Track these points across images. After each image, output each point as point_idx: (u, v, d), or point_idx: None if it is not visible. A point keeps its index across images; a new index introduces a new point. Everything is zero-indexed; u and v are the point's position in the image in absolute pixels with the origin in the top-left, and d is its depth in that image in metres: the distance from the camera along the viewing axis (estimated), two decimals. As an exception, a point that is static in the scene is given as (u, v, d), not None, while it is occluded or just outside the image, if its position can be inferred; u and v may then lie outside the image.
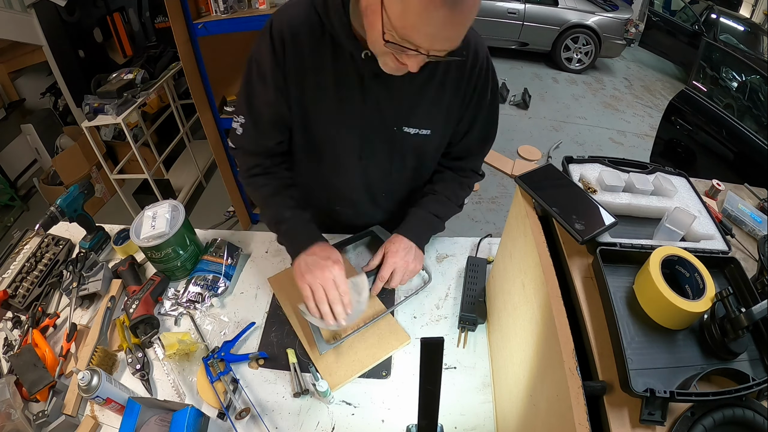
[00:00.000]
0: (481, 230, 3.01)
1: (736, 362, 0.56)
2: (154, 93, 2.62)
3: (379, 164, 1.00)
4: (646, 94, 5.49)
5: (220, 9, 1.95)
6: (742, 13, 7.37)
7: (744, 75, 2.93)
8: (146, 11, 3.78)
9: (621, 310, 0.60)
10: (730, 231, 0.94)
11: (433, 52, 0.67)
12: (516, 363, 0.73)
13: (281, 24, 0.82)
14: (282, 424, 0.83)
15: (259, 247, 1.19)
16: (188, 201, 3.13)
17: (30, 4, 2.72)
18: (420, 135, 0.93)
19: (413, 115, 0.90)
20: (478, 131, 1.00)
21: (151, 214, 1.06)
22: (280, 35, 0.82)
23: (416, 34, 0.63)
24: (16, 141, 3.21)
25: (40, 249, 1.17)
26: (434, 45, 0.66)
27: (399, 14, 0.62)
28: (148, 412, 0.80)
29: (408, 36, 0.64)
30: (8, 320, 1.02)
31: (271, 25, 0.83)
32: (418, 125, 0.92)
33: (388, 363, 0.92)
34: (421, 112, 0.90)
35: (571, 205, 0.71)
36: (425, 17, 0.60)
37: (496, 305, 0.92)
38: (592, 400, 0.51)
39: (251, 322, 0.99)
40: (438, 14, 0.60)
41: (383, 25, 0.65)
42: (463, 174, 1.08)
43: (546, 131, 4.41)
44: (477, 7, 0.63)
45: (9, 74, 3.15)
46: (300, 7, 0.82)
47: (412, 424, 0.65)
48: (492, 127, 1.02)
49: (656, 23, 6.12)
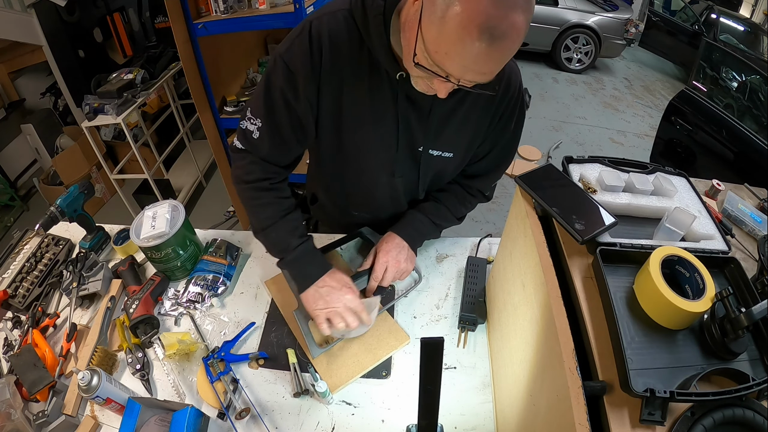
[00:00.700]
0: (481, 230, 3.00)
1: (736, 362, 0.56)
2: (154, 93, 2.62)
3: (408, 181, 1.00)
4: (646, 94, 5.49)
5: (220, 9, 1.95)
6: (742, 13, 7.37)
7: (744, 75, 2.93)
8: (146, 11, 3.78)
9: (621, 310, 0.60)
10: (730, 231, 0.94)
11: (464, 82, 0.66)
12: (516, 363, 0.73)
13: (321, 29, 0.77)
14: (282, 424, 0.83)
15: (259, 247, 1.18)
16: (188, 201, 3.12)
17: (30, 4, 2.72)
18: (442, 157, 0.93)
19: (439, 139, 0.90)
20: (495, 157, 0.99)
21: (151, 214, 1.06)
22: (319, 40, 0.77)
23: (449, 62, 0.61)
24: (16, 141, 3.21)
25: (40, 249, 1.17)
26: (465, 75, 0.64)
27: (434, 38, 0.60)
28: (148, 412, 0.80)
29: (440, 62, 0.62)
30: (8, 320, 1.02)
31: (311, 27, 0.78)
32: (442, 148, 0.92)
33: (388, 363, 0.92)
34: (447, 136, 0.90)
35: (571, 205, 0.71)
36: (460, 48, 0.58)
37: (496, 305, 0.92)
38: (592, 400, 0.51)
39: (251, 322, 0.99)
40: (474, 47, 0.57)
41: (416, 47, 0.64)
42: (469, 191, 1.07)
43: (546, 131, 4.41)
44: (517, 45, 0.60)
45: (9, 74, 3.16)
46: (338, 15, 0.78)
47: (412, 424, 0.65)
48: (509, 155, 1.01)
49: (656, 23, 6.12)
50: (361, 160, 0.94)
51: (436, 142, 0.91)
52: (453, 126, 0.89)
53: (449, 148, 0.92)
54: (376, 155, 0.93)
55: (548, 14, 5.52)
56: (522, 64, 3.86)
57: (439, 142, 0.91)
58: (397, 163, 0.94)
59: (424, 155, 0.93)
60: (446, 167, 0.99)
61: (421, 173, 0.98)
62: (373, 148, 0.91)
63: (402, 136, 0.88)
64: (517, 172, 0.82)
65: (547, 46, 5.72)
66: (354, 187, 1.03)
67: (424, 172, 0.98)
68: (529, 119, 4.93)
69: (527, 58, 5.96)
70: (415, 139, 0.89)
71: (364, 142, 0.90)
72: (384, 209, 1.09)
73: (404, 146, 0.91)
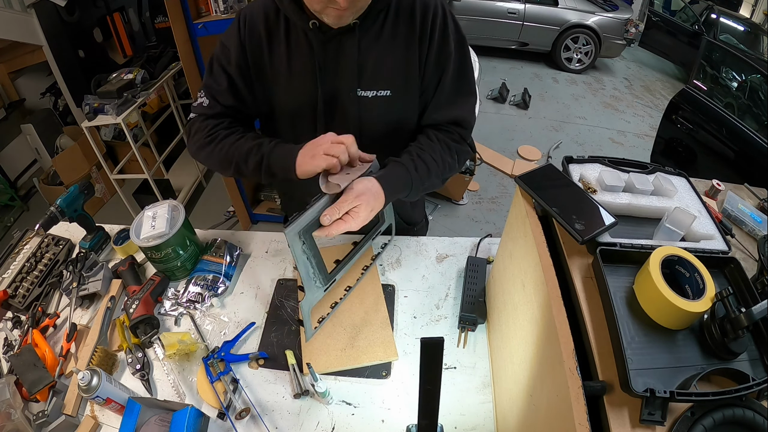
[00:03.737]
0: (481, 230, 3.00)
1: (736, 362, 0.56)
2: (154, 93, 2.62)
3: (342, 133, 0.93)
4: (646, 94, 5.49)
5: (220, 9, 1.96)
6: (742, 13, 7.36)
7: (744, 74, 2.93)
8: (146, 11, 3.78)
9: (621, 310, 0.60)
10: (730, 231, 0.94)
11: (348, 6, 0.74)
12: (516, 363, 0.73)
13: (245, 12, 0.92)
14: (282, 424, 0.83)
15: (259, 247, 1.19)
16: (188, 201, 3.12)
17: (30, 4, 2.72)
18: (379, 97, 0.92)
19: (366, 77, 0.90)
20: (450, 86, 0.94)
21: (151, 214, 1.06)
22: (244, 21, 0.91)
23: None
24: (16, 141, 3.21)
25: (40, 249, 1.17)
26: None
27: None
28: (148, 412, 0.81)
29: None
30: (8, 320, 1.02)
31: (239, 13, 0.93)
32: (374, 86, 0.91)
33: (388, 363, 0.92)
34: (375, 73, 0.90)
35: (571, 205, 0.71)
36: None
37: (496, 305, 0.92)
38: (592, 400, 0.51)
39: (251, 322, 0.99)
40: None
41: None
42: (448, 136, 0.96)
43: (546, 131, 4.41)
44: None
45: (9, 74, 3.15)
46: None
47: (412, 424, 0.65)
48: (465, 81, 0.95)
49: (656, 23, 6.12)
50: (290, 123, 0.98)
51: (363, 80, 0.91)
52: (378, 61, 0.90)
53: (383, 84, 0.91)
54: (299, 112, 0.95)
55: (548, 14, 5.52)
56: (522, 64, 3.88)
57: (368, 81, 0.91)
58: (323, 115, 0.94)
59: (355, 99, 0.92)
60: (389, 110, 0.94)
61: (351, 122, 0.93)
62: (296, 105, 0.94)
63: (324, 85, 0.91)
64: (517, 172, 0.81)
65: (547, 46, 5.72)
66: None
67: (357, 121, 0.93)
68: (529, 119, 4.95)
69: (527, 58, 5.96)
70: (340, 83, 0.91)
71: (288, 102, 0.95)
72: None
73: (329, 95, 0.92)
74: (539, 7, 5.53)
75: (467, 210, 3.28)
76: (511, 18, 5.56)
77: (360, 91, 0.91)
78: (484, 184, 3.52)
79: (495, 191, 3.49)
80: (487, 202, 3.38)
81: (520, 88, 4.96)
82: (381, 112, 0.95)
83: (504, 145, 4.04)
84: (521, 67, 5.81)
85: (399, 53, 0.90)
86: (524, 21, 5.56)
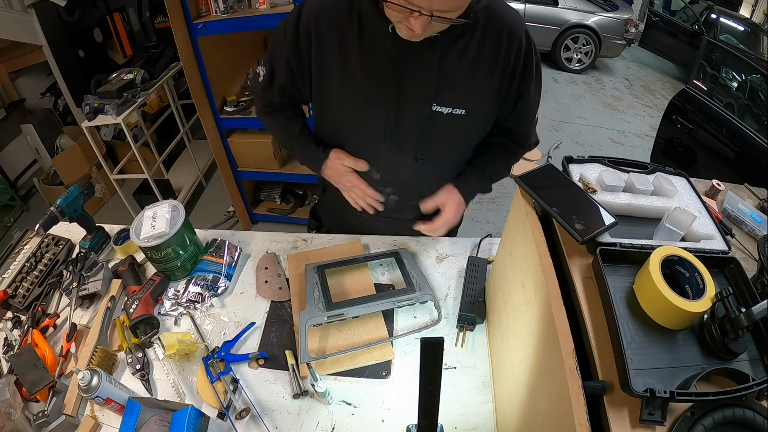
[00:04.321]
0: (481, 230, 2.99)
1: (736, 362, 0.56)
2: (154, 93, 2.62)
3: (407, 148, 0.96)
4: (646, 94, 5.49)
5: (220, 9, 1.95)
6: (742, 13, 7.36)
7: (744, 74, 2.93)
8: (146, 11, 3.77)
9: (621, 310, 0.60)
10: (730, 231, 0.94)
11: (436, 13, 0.69)
12: (516, 363, 0.73)
13: (310, 7, 0.87)
14: (282, 424, 0.83)
15: (259, 247, 1.19)
16: (188, 201, 3.12)
17: (30, 4, 2.72)
18: (454, 115, 0.90)
19: (444, 93, 0.88)
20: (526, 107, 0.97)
21: (151, 214, 1.06)
22: (308, 17, 0.86)
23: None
24: (16, 141, 3.21)
25: (40, 249, 1.17)
26: (432, 5, 0.68)
27: None
28: (148, 412, 0.80)
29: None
30: (8, 320, 1.02)
31: (302, 5, 0.88)
32: (451, 104, 0.89)
33: (388, 363, 0.92)
34: (454, 90, 0.88)
35: (571, 205, 0.71)
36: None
37: (496, 305, 0.92)
38: (592, 400, 0.51)
39: (251, 322, 0.99)
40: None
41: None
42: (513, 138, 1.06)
43: (546, 131, 4.40)
44: None
45: (9, 74, 3.15)
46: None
47: (412, 424, 0.65)
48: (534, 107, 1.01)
49: (656, 23, 6.12)
50: (356, 128, 0.96)
51: (441, 97, 0.88)
52: (459, 79, 0.87)
53: (459, 103, 0.89)
54: (368, 119, 0.93)
55: (548, 14, 5.52)
56: (522, 64, 3.69)
57: (446, 98, 0.89)
58: (393, 125, 0.92)
59: (429, 114, 0.90)
60: (460, 128, 0.94)
61: (423, 139, 0.94)
62: (364, 112, 0.92)
63: (398, 95, 0.88)
64: (517, 172, 0.81)
65: (547, 46, 5.71)
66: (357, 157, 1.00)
67: (428, 136, 0.94)
68: (529, 119, 4.86)
69: (527, 57, 5.96)
70: (415, 96, 0.88)
71: (355, 107, 0.92)
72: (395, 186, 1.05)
73: (402, 106, 0.89)
74: (539, 7, 5.53)
75: (467, 210, 3.26)
76: (511, 18, 5.56)
77: (435, 106, 0.89)
78: (484, 184, 3.52)
79: (495, 191, 3.44)
80: (487, 202, 3.38)
81: (520, 88, 4.96)
82: (451, 129, 0.94)
83: (504, 145, 4.03)
84: (521, 67, 5.80)
85: (482, 75, 0.88)
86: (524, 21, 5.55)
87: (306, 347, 0.88)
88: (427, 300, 1.00)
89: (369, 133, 0.95)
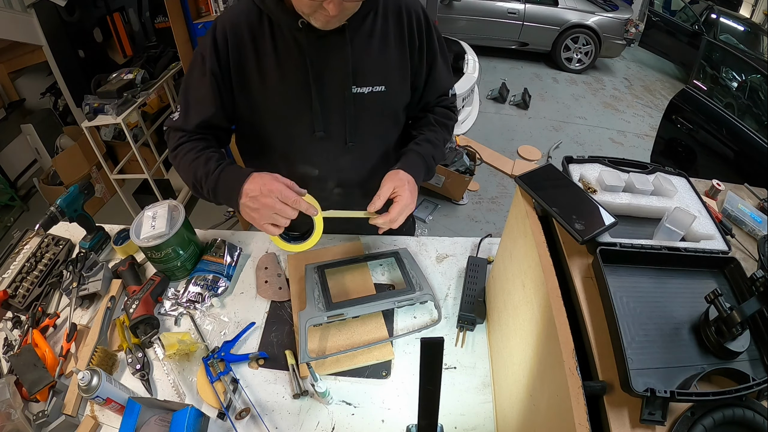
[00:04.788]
0: (481, 230, 3.01)
1: (736, 362, 0.56)
2: (154, 93, 2.62)
3: (337, 135, 0.97)
4: (646, 94, 5.49)
5: (220, 9, 1.96)
6: (742, 13, 7.36)
7: (744, 74, 2.93)
8: (146, 11, 3.77)
9: (621, 310, 0.60)
10: (730, 231, 0.94)
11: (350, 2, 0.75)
12: (516, 363, 0.73)
13: (223, 21, 0.91)
14: (282, 424, 0.83)
15: (259, 247, 1.19)
16: (188, 201, 3.12)
17: (30, 4, 2.72)
18: (375, 92, 0.95)
19: (361, 74, 0.93)
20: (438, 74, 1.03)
21: (151, 214, 1.06)
22: (223, 30, 0.89)
23: None
24: (16, 141, 3.21)
25: (40, 249, 1.17)
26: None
27: None
28: (148, 412, 0.80)
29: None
30: (8, 320, 1.02)
31: (215, 23, 0.92)
32: (369, 83, 0.94)
33: (388, 363, 0.92)
34: (370, 70, 0.93)
35: (571, 205, 0.71)
36: None
37: (496, 305, 0.92)
38: (592, 400, 0.51)
39: (251, 322, 0.99)
40: None
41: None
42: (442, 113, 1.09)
43: (546, 131, 4.41)
44: None
45: (9, 74, 3.15)
46: (240, 4, 0.91)
47: (412, 424, 0.65)
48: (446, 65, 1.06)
49: (656, 23, 6.11)
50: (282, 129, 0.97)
51: (359, 77, 0.93)
52: (374, 59, 0.93)
53: (378, 80, 0.94)
54: (293, 117, 0.95)
55: (548, 14, 5.52)
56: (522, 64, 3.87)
57: (364, 78, 0.93)
58: (319, 116, 0.93)
59: (350, 96, 0.93)
60: (384, 104, 0.99)
61: (349, 119, 0.95)
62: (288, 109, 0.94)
63: (317, 85, 0.91)
64: (517, 172, 0.81)
65: (547, 46, 5.72)
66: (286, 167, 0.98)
67: (358, 116, 0.95)
68: (529, 119, 4.94)
69: (527, 58, 5.96)
70: (334, 81, 0.92)
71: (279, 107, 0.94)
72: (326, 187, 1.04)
73: (323, 95, 0.92)
74: (539, 7, 5.53)
75: (467, 210, 3.28)
76: (511, 18, 5.56)
77: (355, 87, 0.93)
78: (484, 184, 3.53)
79: (495, 191, 3.49)
80: (487, 202, 3.38)
81: (520, 88, 4.96)
82: (376, 106, 0.98)
83: (504, 145, 4.04)
84: (521, 67, 5.81)
85: (392, 51, 0.95)
86: (524, 21, 5.56)
87: (306, 347, 0.88)
88: (427, 300, 1.00)
89: (297, 129, 0.96)
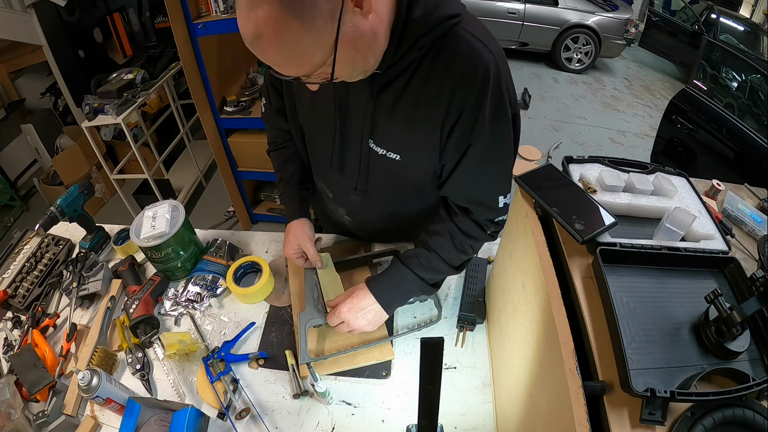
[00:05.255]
0: (481, 230, 3.00)
1: (736, 362, 0.56)
2: (154, 93, 2.61)
3: (349, 177, 0.92)
4: (646, 94, 5.48)
5: (220, 9, 1.95)
6: (742, 13, 7.36)
7: (744, 74, 2.93)
8: (146, 11, 3.77)
9: (621, 310, 0.60)
10: (730, 231, 0.94)
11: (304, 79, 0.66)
12: (516, 363, 0.73)
13: None
14: (282, 424, 0.83)
15: (259, 247, 1.19)
16: (188, 201, 3.12)
17: (30, 4, 2.72)
18: (388, 158, 0.83)
19: (378, 133, 0.82)
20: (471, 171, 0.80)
21: (151, 214, 1.06)
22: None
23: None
24: (16, 141, 3.21)
25: (40, 249, 1.17)
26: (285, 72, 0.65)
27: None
28: (148, 412, 0.81)
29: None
30: (8, 320, 1.02)
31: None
32: (385, 146, 0.82)
33: (388, 363, 0.92)
34: (388, 132, 0.81)
35: (571, 205, 0.71)
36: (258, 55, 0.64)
37: (496, 305, 0.92)
38: (592, 400, 0.51)
39: (251, 322, 0.99)
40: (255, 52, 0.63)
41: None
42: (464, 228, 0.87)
43: (546, 131, 4.41)
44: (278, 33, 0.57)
45: (9, 74, 3.15)
46: None
47: (412, 424, 0.65)
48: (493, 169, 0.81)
49: (656, 23, 6.11)
50: (311, 149, 0.99)
51: (376, 136, 0.82)
52: (393, 125, 0.79)
53: (394, 147, 0.82)
54: (318, 143, 0.96)
55: (548, 14, 5.52)
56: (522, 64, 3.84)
57: (379, 138, 0.82)
58: (338, 152, 0.90)
59: (366, 150, 0.85)
60: (398, 174, 0.86)
61: (363, 173, 0.89)
62: (316, 130, 0.94)
63: (340, 120, 0.84)
64: (517, 172, 0.81)
65: (547, 46, 5.71)
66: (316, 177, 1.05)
67: (366, 171, 0.89)
68: (529, 119, 4.92)
69: (527, 58, 5.96)
70: (353, 128, 0.84)
71: (308, 124, 0.95)
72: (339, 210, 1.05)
73: (344, 135, 0.87)
74: (539, 7, 5.53)
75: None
76: (511, 18, 5.56)
77: (371, 143, 0.83)
78: (484, 184, 3.52)
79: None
80: (487, 202, 3.38)
81: (520, 88, 4.96)
82: (387, 172, 0.87)
83: (504, 145, 4.03)
84: (521, 67, 5.80)
85: (421, 121, 0.76)
86: (524, 21, 5.55)
87: (306, 349, 0.88)
88: (427, 299, 1.00)
89: (320, 156, 0.97)
